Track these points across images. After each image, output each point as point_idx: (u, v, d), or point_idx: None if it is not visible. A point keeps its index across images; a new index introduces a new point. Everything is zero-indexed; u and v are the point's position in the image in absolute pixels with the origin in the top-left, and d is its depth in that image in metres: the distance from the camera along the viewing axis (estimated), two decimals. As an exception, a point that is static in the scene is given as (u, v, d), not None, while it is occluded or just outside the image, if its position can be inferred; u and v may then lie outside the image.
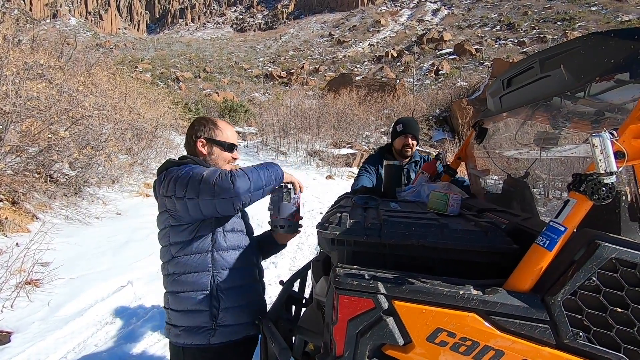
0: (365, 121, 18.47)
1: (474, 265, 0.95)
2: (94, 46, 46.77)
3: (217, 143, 1.43)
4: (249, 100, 29.00)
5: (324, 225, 1.00)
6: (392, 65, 45.45)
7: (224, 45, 77.64)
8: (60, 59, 7.77)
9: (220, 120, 1.50)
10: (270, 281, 3.95)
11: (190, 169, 1.26)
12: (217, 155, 1.44)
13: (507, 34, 47.66)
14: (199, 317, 1.26)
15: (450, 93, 22.33)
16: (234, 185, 1.17)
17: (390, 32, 69.34)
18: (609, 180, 0.73)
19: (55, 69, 6.53)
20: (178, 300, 1.29)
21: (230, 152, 1.48)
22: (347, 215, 1.02)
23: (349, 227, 0.98)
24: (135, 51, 62.48)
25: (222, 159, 1.46)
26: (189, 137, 1.45)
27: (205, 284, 1.27)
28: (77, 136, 5.93)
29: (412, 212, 1.18)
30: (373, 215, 1.13)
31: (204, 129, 1.44)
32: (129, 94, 8.80)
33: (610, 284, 0.75)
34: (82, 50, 10.25)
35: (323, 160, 12.71)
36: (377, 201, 1.35)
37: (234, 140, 1.51)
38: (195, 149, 1.42)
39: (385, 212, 1.13)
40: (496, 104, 1.52)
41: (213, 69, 52.77)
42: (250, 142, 15.08)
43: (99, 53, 16.83)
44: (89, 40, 59.34)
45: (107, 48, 56.61)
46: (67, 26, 75.82)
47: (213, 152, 1.44)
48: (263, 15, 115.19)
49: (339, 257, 1.00)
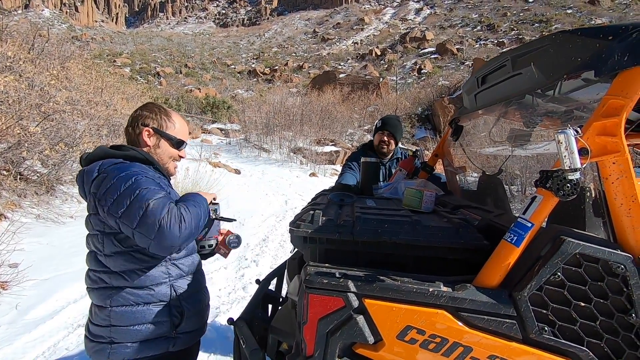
0: (349, 119, 18.53)
1: (446, 262, 0.96)
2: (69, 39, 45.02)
3: (166, 136, 1.28)
4: (231, 97, 28.61)
5: (296, 223, 0.98)
6: (375, 64, 45.75)
7: (206, 41, 76.32)
8: (31, 52, 7.43)
9: (173, 111, 1.35)
10: (251, 279, 3.91)
11: (133, 177, 1.09)
12: (163, 150, 1.29)
13: (487, 35, 48.75)
14: (157, 329, 1.17)
15: (433, 92, 22.67)
16: (180, 234, 1.05)
17: (374, 31, 69.74)
18: (574, 176, 0.74)
19: (25, 62, 6.25)
20: (127, 316, 1.14)
21: (177, 148, 1.33)
22: (319, 212, 1.00)
23: (321, 225, 0.97)
24: (113, 45, 60.59)
25: (168, 155, 1.31)
26: (134, 122, 1.27)
27: (164, 295, 1.18)
28: (49, 132, 5.70)
29: (386, 209, 1.17)
30: (347, 212, 1.12)
31: (154, 117, 1.28)
32: (105, 88, 8.52)
33: (575, 278, 0.76)
34: (56, 43, 9.84)
35: (306, 157, 12.68)
36: (352, 198, 1.34)
37: (185, 136, 1.36)
38: (140, 137, 1.26)
39: (359, 209, 1.12)
40: (471, 102, 1.53)
41: (195, 65, 51.78)
42: (233, 139, 14.88)
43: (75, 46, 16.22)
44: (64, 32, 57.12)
45: (83, 41, 54.62)
46: (40, 17, 72.79)
47: (159, 146, 1.28)
48: (246, 10, 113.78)
49: (312, 255, 0.98)
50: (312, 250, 0.98)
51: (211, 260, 4.35)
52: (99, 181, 1.10)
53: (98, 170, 1.13)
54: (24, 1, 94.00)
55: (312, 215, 0.99)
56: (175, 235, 1.04)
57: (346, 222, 0.98)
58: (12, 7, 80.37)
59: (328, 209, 1.11)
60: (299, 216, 1.03)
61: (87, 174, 1.15)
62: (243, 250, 4.64)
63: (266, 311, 1.46)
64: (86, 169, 1.17)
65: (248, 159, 12.40)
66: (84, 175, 1.16)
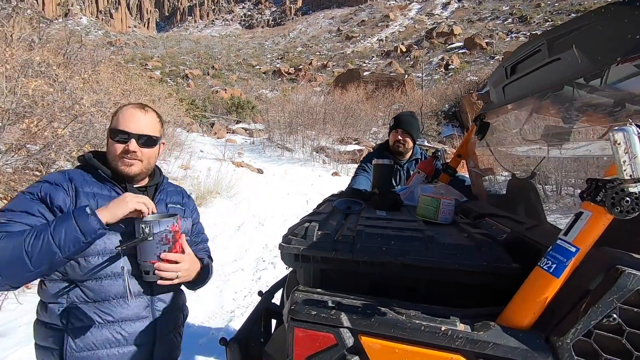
0: (373, 117, 18.23)
1: (465, 288, 0.79)
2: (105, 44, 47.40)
3: (109, 132, 1.11)
4: (256, 97, 28.92)
5: (287, 238, 0.85)
6: (400, 60, 44.91)
7: (232, 42, 77.85)
8: (65, 57, 7.74)
9: (129, 104, 1.16)
10: (267, 283, 3.83)
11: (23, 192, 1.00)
12: (108, 149, 1.12)
13: (519, 27, 46.57)
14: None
15: (460, 88, 21.88)
16: None
17: (399, 27, 68.51)
18: (636, 188, 0.56)
19: (59, 67, 6.49)
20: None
21: (118, 142, 1.08)
22: (315, 225, 0.86)
23: (316, 241, 0.83)
24: (145, 49, 63.03)
25: (112, 154, 1.10)
26: None
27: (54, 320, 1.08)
28: (77, 134, 5.88)
29: (396, 220, 1.02)
30: (351, 224, 0.97)
31: (111, 118, 1.15)
32: (132, 91, 8.75)
33: (637, 323, 0.58)
34: (90, 49, 10.25)
35: (329, 156, 12.54)
36: (360, 206, 1.19)
37: (125, 125, 1.09)
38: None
39: (364, 221, 0.97)
40: (499, 95, 1.34)
41: (221, 66, 52.92)
42: (256, 139, 14.98)
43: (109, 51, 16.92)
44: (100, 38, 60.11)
45: (117, 46, 57.19)
46: (78, 25, 76.87)
47: (107, 145, 1.13)
48: (271, 11, 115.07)
49: (305, 277, 0.85)
50: (305, 271, 0.84)
51: (228, 261, 4.32)
52: None
53: None
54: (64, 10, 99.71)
55: (306, 228, 0.86)
56: None
57: (346, 237, 0.83)
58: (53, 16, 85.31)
59: (328, 220, 0.97)
60: (292, 229, 0.90)
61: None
62: (261, 252, 4.57)
63: (268, 329, 1.34)
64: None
65: (271, 158, 12.42)
66: None
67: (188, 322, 3.03)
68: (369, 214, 1.10)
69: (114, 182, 1.11)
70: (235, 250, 4.58)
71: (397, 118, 2.18)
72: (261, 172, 9.93)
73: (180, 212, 1.26)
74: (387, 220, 1.00)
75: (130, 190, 1.13)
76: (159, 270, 1.03)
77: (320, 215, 1.01)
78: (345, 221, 1.03)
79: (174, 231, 1.05)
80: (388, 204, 1.20)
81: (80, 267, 1.01)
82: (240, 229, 5.36)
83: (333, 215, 1.07)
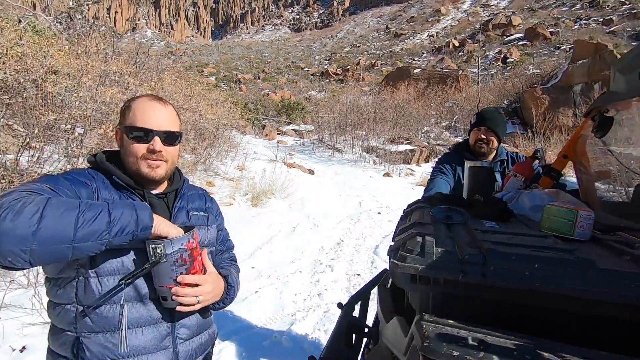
0: (425, 116, 17.58)
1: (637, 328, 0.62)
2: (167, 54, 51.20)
3: (125, 130, 0.97)
4: (305, 98, 29.32)
5: (401, 255, 0.73)
6: (453, 56, 42.97)
7: (281, 46, 79.92)
8: (135, 67, 8.38)
9: (141, 96, 1.02)
10: (326, 286, 3.76)
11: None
12: (125, 149, 0.97)
13: (590, 13, 42.26)
14: None
15: (521, 82, 20.24)
16: (7, 226, 0.68)
17: (451, 21, 65.66)
18: None
19: (130, 76, 7.02)
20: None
21: (140, 141, 0.95)
22: (432, 241, 0.73)
23: (437, 260, 0.70)
24: (201, 57, 66.98)
25: (132, 155, 0.96)
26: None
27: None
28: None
29: (521, 235, 0.85)
30: (464, 237, 0.83)
31: (121, 113, 1.02)
32: (193, 96, 9.23)
33: None
34: (156, 58, 11.03)
35: (380, 157, 12.26)
36: (463, 215, 1.04)
37: (147, 122, 0.96)
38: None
39: (484, 235, 0.82)
40: (632, 84, 1.11)
41: (271, 70, 54.54)
42: (306, 140, 15.12)
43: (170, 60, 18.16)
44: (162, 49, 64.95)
45: (177, 55, 61.43)
46: (144, 38, 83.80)
47: (122, 145, 0.98)
48: (319, 13, 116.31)
49: (422, 301, 0.72)
50: (423, 294, 0.72)
51: (286, 262, 4.32)
52: None
53: None
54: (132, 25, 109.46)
55: (421, 244, 0.73)
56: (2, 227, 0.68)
57: (473, 256, 0.70)
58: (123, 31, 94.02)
59: (438, 233, 0.84)
60: (402, 243, 0.78)
61: None
62: (318, 254, 4.52)
63: (352, 344, 1.23)
64: None
65: (321, 159, 12.45)
66: None
67: (250, 322, 3.04)
68: (479, 225, 0.95)
69: (131, 189, 0.97)
70: (292, 252, 4.58)
71: (480, 115, 1.96)
72: (312, 173, 9.96)
73: (204, 219, 1.11)
74: (510, 235, 0.85)
75: (148, 197, 1.00)
76: (177, 296, 0.90)
77: (425, 227, 0.88)
78: (452, 233, 0.89)
79: (190, 249, 0.91)
80: (496, 213, 1.04)
81: (93, 289, 0.87)
82: (295, 230, 5.36)
83: (436, 227, 0.93)
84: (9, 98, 4.02)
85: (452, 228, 0.96)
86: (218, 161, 8.86)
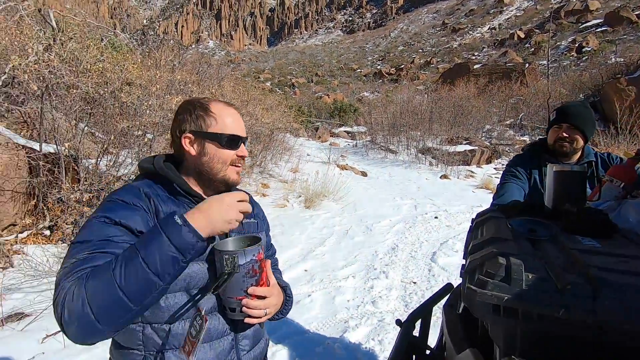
0: (486, 113, 16.44)
1: None
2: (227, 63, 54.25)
3: (210, 137, 0.94)
4: (358, 99, 29.13)
5: (481, 280, 0.61)
6: (518, 49, 39.87)
7: (334, 49, 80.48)
8: (197, 76, 8.95)
9: (214, 100, 0.98)
10: (380, 293, 3.61)
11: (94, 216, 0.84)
12: (211, 157, 0.94)
13: (689, -10, 36.45)
14: None
15: (600, 73, 18.03)
16: (66, 324, 0.70)
17: (516, 11, 61.02)
18: None
19: (193, 84, 7.49)
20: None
21: (231, 148, 0.96)
22: (520, 264, 0.60)
23: (528, 289, 0.57)
24: (257, 63, 69.96)
25: (220, 162, 0.95)
26: (173, 132, 0.98)
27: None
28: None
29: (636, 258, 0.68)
30: (558, 258, 0.68)
31: (190, 118, 0.95)
32: (250, 101, 9.61)
33: None
34: (217, 67, 11.69)
35: (437, 158, 11.70)
36: (550, 230, 0.87)
37: (237, 129, 0.97)
38: (181, 149, 0.95)
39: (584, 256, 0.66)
40: None
41: (324, 73, 55.13)
42: (359, 142, 14.97)
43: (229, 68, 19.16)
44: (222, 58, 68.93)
45: (236, 63, 64.84)
46: (206, 48, 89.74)
47: (205, 152, 0.94)
48: (372, 14, 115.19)
49: (507, 339, 0.59)
50: (508, 330, 0.59)
51: (339, 267, 4.25)
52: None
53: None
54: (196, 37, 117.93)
55: (505, 266, 0.61)
56: (67, 326, 0.70)
57: (576, 286, 0.56)
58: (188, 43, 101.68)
59: (525, 253, 0.70)
60: (479, 264, 0.65)
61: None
62: (371, 259, 4.39)
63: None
64: None
65: (374, 160, 12.22)
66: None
67: (302, 327, 3.01)
68: (573, 243, 0.78)
69: (191, 198, 0.94)
70: (344, 255, 4.49)
71: (561, 110, 1.70)
72: (365, 175, 9.80)
73: (255, 226, 1.09)
74: (620, 258, 0.68)
75: None
76: (247, 308, 0.88)
77: (506, 244, 0.75)
78: (541, 253, 0.74)
79: (259, 260, 0.88)
80: (595, 228, 0.86)
81: (161, 307, 0.85)
82: (348, 233, 5.27)
83: (519, 243, 0.79)
84: (90, 108, 4.47)
85: (538, 245, 0.81)
86: (273, 164, 9.09)
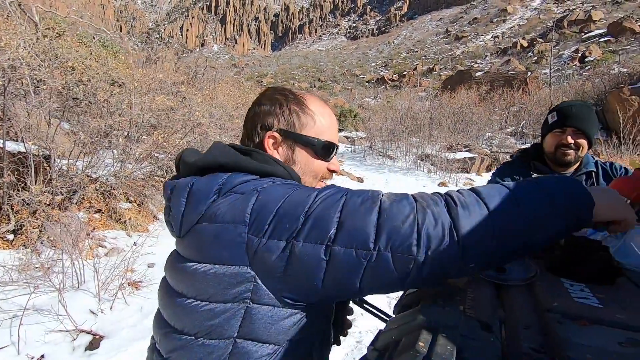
0: (487, 121, 16.22)
1: None
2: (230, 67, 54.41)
3: (304, 141, 0.74)
4: (359, 105, 28.99)
5: None
6: (521, 57, 39.76)
7: (337, 54, 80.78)
8: (188, 77, 8.79)
9: (310, 95, 0.78)
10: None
11: (291, 190, 0.59)
12: (302, 167, 0.74)
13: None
14: None
15: (603, 82, 17.77)
16: (458, 226, 0.49)
17: (519, 20, 61.11)
18: None
19: (183, 85, 7.32)
20: None
21: (325, 159, 0.77)
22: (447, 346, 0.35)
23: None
24: (261, 68, 70.22)
25: (312, 175, 0.76)
26: (251, 124, 0.76)
27: None
28: (194, 145, 6.44)
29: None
30: (528, 322, 0.43)
31: (280, 112, 0.74)
32: (244, 104, 9.43)
33: None
34: (219, 70, 11.56)
35: (435, 165, 11.46)
36: (527, 269, 0.62)
37: (334, 136, 0.78)
38: (262, 146, 0.73)
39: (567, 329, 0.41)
40: None
41: (327, 78, 55.21)
42: (357, 147, 14.76)
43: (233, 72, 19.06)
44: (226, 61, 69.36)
45: (239, 67, 65.10)
46: (210, 52, 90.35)
47: (295, 160, 0.74)
48: (376, 20, 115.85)
49: None
50: None
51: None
52: (241, 203, 0.59)
53: (225, 185, 0.62)
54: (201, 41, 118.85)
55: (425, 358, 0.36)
56: (441, 236, 0.48)
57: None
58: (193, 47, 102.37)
59: (471, 328, 0.44)
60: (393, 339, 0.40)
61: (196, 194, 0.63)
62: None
63: None
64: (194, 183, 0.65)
65: (372, 166, 11.99)
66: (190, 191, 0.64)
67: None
68: (556, 296, 0.53)
69: None
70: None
71: (563, 110, 1.41)
72: (361, 181, 9.55)
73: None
74: (625, 332, 0.43)
75: None
76: None
77: (448, 304, 0.49)
78: (500, 309, 0.49)
79: None
80: (592, 272, 0.60)
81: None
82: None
83: (479, 298, 0.54)
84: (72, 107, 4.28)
85: (505, 294, 0.56)
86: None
